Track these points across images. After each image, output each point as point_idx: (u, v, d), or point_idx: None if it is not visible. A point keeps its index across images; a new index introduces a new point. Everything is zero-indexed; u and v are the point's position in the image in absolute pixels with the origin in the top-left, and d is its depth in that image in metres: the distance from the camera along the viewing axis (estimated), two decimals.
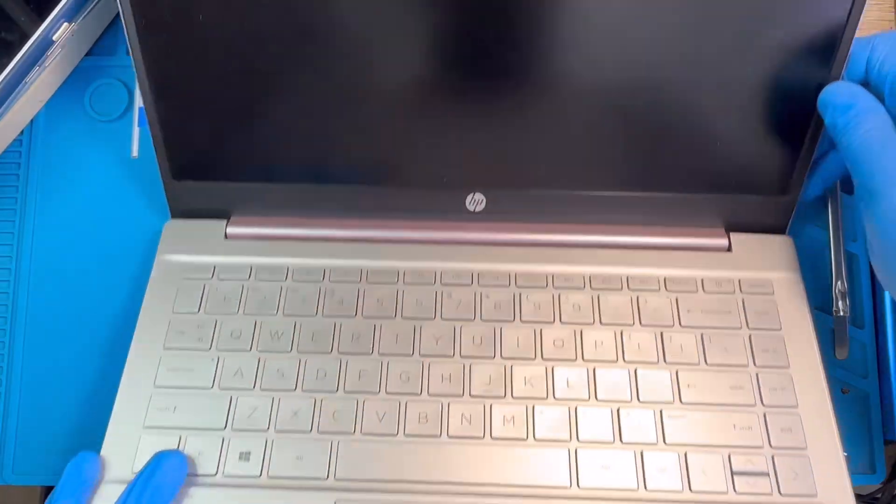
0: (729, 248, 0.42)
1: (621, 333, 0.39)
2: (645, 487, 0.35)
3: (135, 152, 0.45)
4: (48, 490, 0.42)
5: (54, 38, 0.41)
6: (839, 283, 0.42)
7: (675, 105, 0.39)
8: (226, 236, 0.42)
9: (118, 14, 0.37)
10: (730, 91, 0.38)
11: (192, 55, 0.38)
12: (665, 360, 0.38)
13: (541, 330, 0.39)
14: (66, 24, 0.42)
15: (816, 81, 0.38)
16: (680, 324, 0.39)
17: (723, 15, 0.37)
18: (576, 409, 0.37)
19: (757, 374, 0.38)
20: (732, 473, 0.35)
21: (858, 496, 0.39)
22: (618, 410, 0.37)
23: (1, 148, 0.43)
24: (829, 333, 0.42)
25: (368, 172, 0.41)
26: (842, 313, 0.41)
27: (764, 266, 0.41)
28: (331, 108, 0.39)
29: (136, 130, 0.45)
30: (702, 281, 0.40)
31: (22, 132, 0.45)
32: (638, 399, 0.37)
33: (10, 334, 0.42)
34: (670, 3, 0.36)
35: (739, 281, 0.40)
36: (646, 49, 0.38)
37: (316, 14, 0.37)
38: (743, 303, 0.40)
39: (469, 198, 0.41)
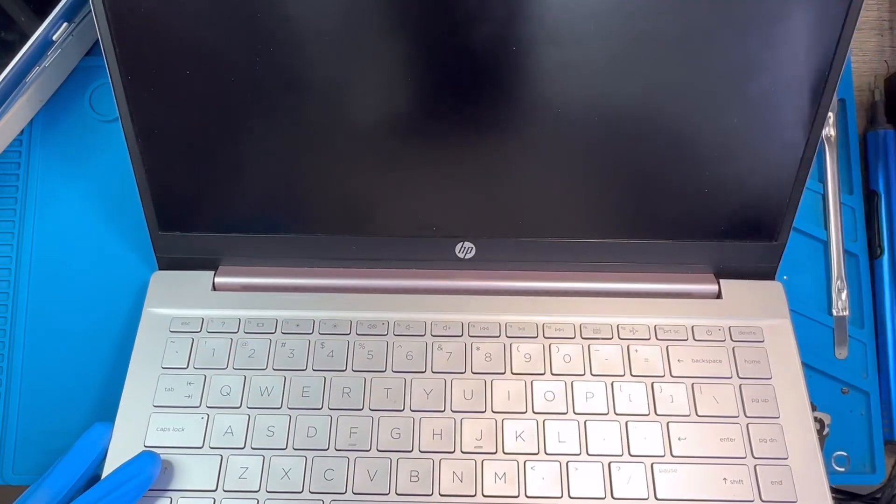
0: (719, 295, 0.42)
1: (612, 385, 0.39)
2: None
3: None
4: None
5: (54, 38, 0.41)
6: (839, 282, 0.42)
7: (663, 153, 0.39)
8: (213, 287, 0.42)
9: None
10: (717, 139, 0.38)
11: (179, 110, 0.38)
12: (656, 412, 0.38)
13: (531, 382, 0.39)
14: (65, 24, 0.42)
15: (801, 129, 0.38)
16: (671, 374, 0.39)
17: (709, 64, 0.37)
18: (567, 464, 0.37)
19: (747, 426, 0.38)
20: None
21: (858, 496, 0.40)
22: (609, 465, 0.37)
23: (1, 148, 0.43)
24: (829, 333, 0.42)
25: (358, 223, 0.41)
26: (842, 313, 0.42)
27: (754, 313, 0.41)
28: (319, 160, 0.39)
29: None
30: (692, 329, 0.40)
31: (22, 132, 0.45)
32: (629, 453, 0.37)
33: (9, 334, 0.42)
34: (655, 53, 0.36)
35: (730, 328, 0.40)
36: (633, 98, 0.38)
37: (305, 68, 0.37)
38: (733, 351, 0.40)
39: (458, 246, 0.41)
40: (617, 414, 0.38)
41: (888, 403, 0.41)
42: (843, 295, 0.42)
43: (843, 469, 0.40)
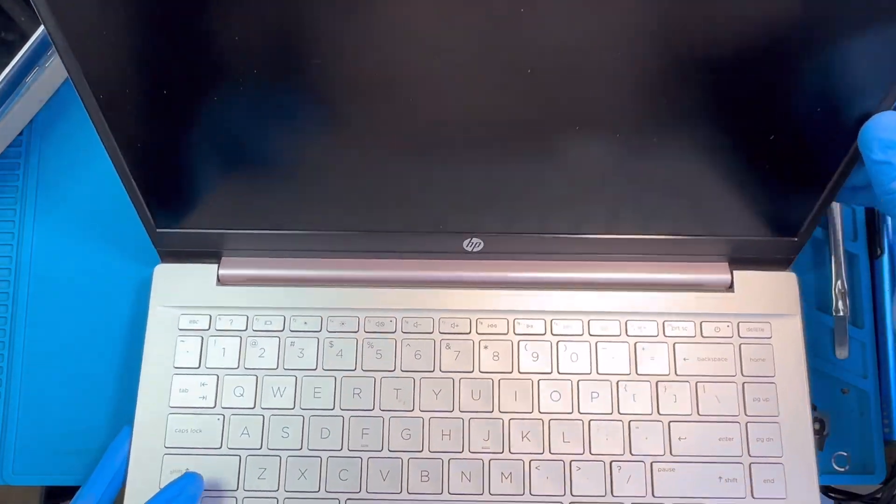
0: (731, 286, 0.41)
1: (617, 384, 0.40)
2: None
3: None
4: (48, 490, 0.44)
5: None
6: (839, 283, 0.42)
7: (691, 152, 0.36)
8: (218, 279, 0.41)
9: None
10: (756, 147, 0.36)
11: (161, 117, 0.35)
12: (659, 412, 0.39)
13: (538, 382, 0.40)
14: None
15: (850, 122, 0.34)
16: (676, 373, 0.40)
17: (748, 52, 0.33)
18: (570, 463, 0.39)
19: (746, 425, 0.39)
20: None
21: (858, 496, 0.42)
22: (610, 464, 0.39)
23: (1, 148, 0.43)
24: (829, 333, 0.42)
25: (362, 220, 0.39)
26: (842, 313, 0.42)
27: (765, 307, 0.40)
28: (322, 157, 0.37)
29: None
30: (701, 325, 0.40)
31: (22, 132, 0.44)
32: (630, 452, 0.39)
33: (9, 334, 0.43)
34: (681, 38, 0.32)
35: (739, 325, 0.40)
36: (656, 85, 0.34)
37: (303, 54, 0.33)
38: (740, 349, 0.40)
39: (466, 241, 0.40)
40: (620, 413, 0.39)
41: (888, 404, 0.41)
42: (844, 295, 0.42)
43: (842, 469, 0.41)
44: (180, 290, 0.41)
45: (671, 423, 0.39)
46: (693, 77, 0.33)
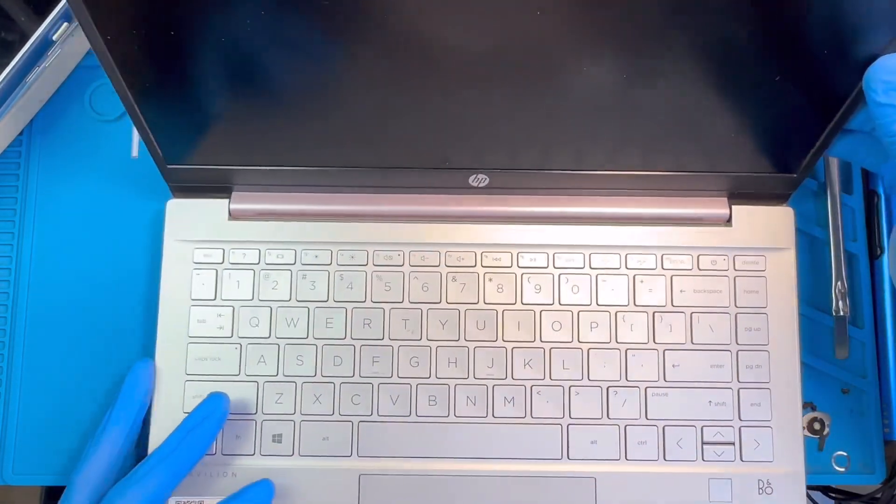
0: (729, 220, 0.42)
1: (616, 315, 0.41)
2: (626, 458, 0.41)
3: (135, 152, 0.45)
4: (48, 490, 0.45)
5: (54, 38, 0.41)
6: (839, 283, 0.43)
7: (693, 85, 0.36)
8: (230, 214, 0.42)
9: None
10: (757, 84, 0.36)
11: (168, 42, 0.35)
12: (654, 341, 0.41)
13: (540, 312, 0.41)
14: (66, 24, 0.41)
15: (856, 62, 0.34)
16: (672, 304, 0.41)
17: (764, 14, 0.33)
18: (569, 388, 0.41)
19: (737, 353, 0.41)
20: (703, 444, 0.41)
21: (858, 496, 0.42)
22: (607, 389, 0.41)
23: (1, 148, 0.44)
24: (829, 333, 0.43)
25: (374, 155, 0.40)
26: (842, 313, 0.43)
27: (761, 241, 0.42)
28: (333, 93, 0.37)
29: (136, 131, 0.43)
30: (698, 259, 0.42)
31: (22, 132, 0.45)
32: (626, 378, 0.41)
33: (9, 334, 0.43)
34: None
35: (735, 259, 0.42)
36: (661, 17, 0.34)
37: None
38: (735, 281, 0.41)
39: (472, 177, 0.41)
40: (618, 342, 0.41)
41: (888, 404, 0.42)
42: (844, 295, 0.42)
43: (843, 469, 0.42)
44: (193, 225, 0.42)
45: (666, 352, 0.41)
46: (698, 9, 0.33)
